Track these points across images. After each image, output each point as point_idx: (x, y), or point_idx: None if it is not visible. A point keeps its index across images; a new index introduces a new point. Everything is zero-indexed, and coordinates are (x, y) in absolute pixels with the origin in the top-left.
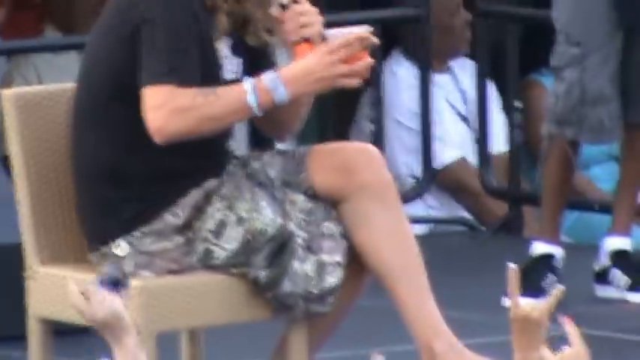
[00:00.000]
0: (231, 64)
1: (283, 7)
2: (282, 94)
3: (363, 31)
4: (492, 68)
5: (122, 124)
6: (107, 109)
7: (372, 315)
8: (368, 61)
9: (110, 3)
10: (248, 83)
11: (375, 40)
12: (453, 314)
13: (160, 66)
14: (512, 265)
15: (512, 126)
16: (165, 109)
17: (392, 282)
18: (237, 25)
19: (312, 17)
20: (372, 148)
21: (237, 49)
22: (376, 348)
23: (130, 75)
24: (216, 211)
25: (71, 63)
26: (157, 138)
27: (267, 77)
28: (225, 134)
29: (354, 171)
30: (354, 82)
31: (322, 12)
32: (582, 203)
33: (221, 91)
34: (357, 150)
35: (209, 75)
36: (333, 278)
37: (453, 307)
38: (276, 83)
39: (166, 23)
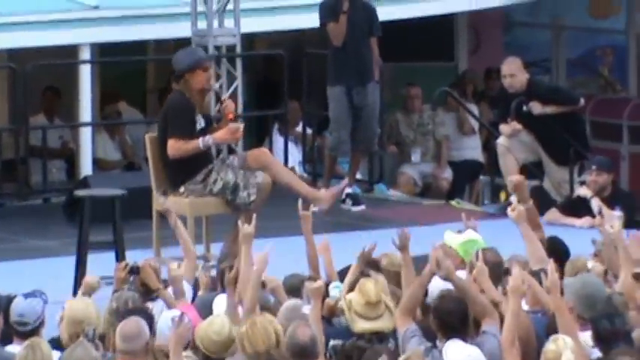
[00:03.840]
0: (200, 123)
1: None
2: (208, 142)
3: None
4: None
5: None
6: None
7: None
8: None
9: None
10: (201, 139)
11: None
12: None
13: (172, 130)
14: None
15: None
16: (172, 146)
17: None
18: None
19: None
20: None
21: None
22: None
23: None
24: (215, 175)
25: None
26: (170, 155)
27: (207, 137)
28: (207, 151)
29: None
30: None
31: None
32: None
33: (189, 141)
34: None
35: (193, 130)
36: (252, 196)
37: None
38: (208, 138)
39: (176, 114)
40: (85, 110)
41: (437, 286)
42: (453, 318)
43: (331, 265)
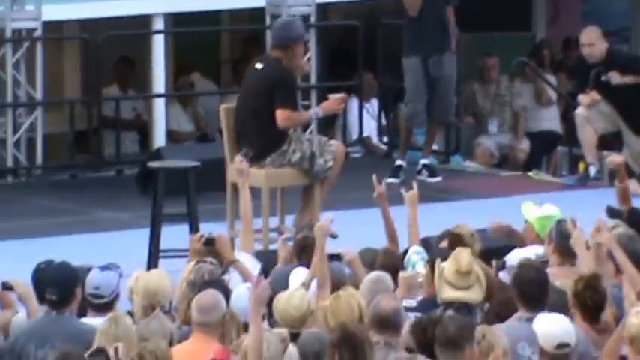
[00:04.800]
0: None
1: None
2: (319, 112)
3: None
4: None
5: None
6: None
7: None
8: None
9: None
10: (311, 110)
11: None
12: None
13: (283, 101)
14: None
15: None
16: (286, 117)
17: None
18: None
19: None
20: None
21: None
22: None
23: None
24: (293, 145)
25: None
26: (282, 125)
27: (316, 108)
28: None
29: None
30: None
31: None
32: None
33: (302, 112)
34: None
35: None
36: (329, 162)
37: None
38: (318, 109)
39: (287, 83)
40: (159, 81)
41: (516, 255)
42: (534, 287)
43: (416, 221)
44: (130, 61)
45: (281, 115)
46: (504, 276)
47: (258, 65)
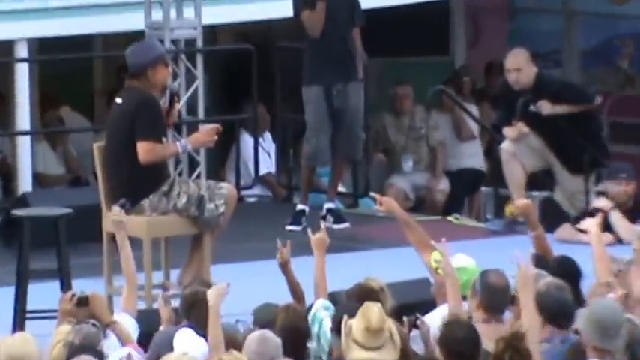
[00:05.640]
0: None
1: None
2: (186, 145)
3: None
4: None
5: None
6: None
7: None
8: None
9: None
10: (177, 143)
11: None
12: None
13: (145, 132)
14: None
15: None
16: (151, 152)
17: None
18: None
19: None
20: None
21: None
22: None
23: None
24: (177, 188)
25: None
26: (145, 160)
27: (183, 140)
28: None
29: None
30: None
31: None
32: None
33: (168, 145)
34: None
35: (165, 132)
36: (221, 208)
37: None
38: (185, 142)
39: (149, 112)
40: (23, 117)
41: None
42: (464, 347)
43: (323, 270)
44: None
45: (142, 149)
46: (417, 335)
47: (118, 100)
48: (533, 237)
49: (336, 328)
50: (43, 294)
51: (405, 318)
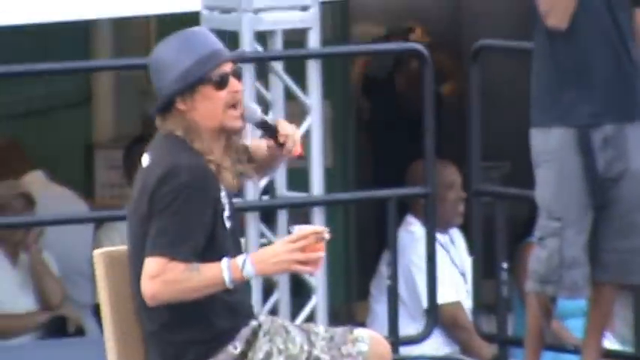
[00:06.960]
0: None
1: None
2: (249, 271)
3: (320, 228)
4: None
5: None
6: None
7: None
8: (321, 252)
9: (137, 183)
10: (224, 262)
11: (327, 235)
12: None
13: (160, 243)
14: None
15: (499, 283)
16: (158, 279)
17: None
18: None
19: None
20: (384, 341)
21: None
22: None
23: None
24: (262, 344)
25: None
26: (150, 302)
27: (239, 258)
28: (248, 294)
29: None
30: (308, 270)
31: None
32: (558, 345)
33: (203, 267)
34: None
35: (219, 240)
36: None
37: None
38: (246, 263)
39: (179, 211)
40: None
41: None
42: None
43: None
44: None
45: (145, 273)
46: None
47: (146, 159)
48: None
49: None
50: None
51: None
